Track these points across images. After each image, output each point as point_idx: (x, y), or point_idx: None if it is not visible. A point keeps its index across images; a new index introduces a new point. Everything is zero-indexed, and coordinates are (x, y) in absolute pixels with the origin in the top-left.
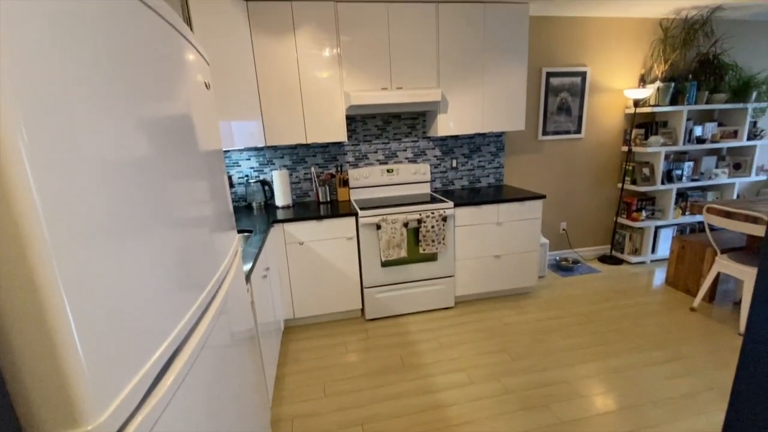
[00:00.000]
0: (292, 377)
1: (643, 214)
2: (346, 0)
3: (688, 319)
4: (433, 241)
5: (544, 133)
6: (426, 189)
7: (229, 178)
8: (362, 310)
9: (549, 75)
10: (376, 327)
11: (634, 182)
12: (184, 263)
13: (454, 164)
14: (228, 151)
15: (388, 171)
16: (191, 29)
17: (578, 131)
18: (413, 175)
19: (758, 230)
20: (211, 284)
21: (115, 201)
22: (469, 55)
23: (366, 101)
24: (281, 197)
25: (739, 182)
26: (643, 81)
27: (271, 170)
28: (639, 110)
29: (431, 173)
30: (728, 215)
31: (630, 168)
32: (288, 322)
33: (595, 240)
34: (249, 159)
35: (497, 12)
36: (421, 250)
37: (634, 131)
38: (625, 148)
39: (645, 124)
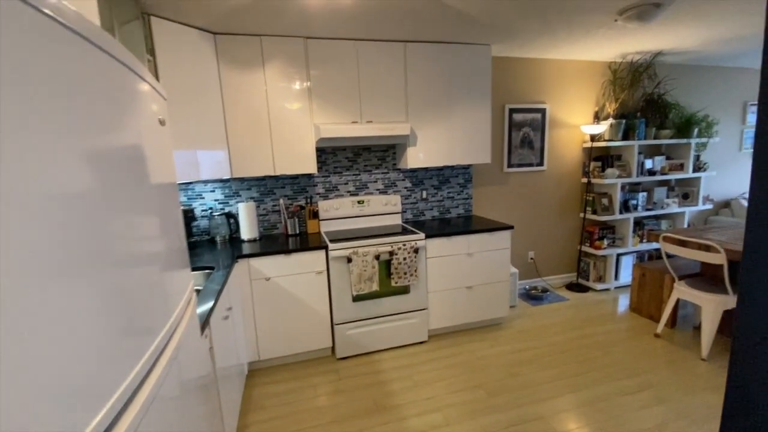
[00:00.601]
0: (256, 427)
1: (605, 242)
2: (316, 36)
3: (653, 346)
4: (405, 273)
5: (509, 165)
6: (397, 220)
7: (191, 211)
8: (333, 348)
9: (512, 111)
10: (347, 366)
11: (594, 212)
12: (131, 308)
13: (424, 195)
14: (190, 183)
15: (358, 202)
16: (155, 59)
17: (541, 164)
18: (384, 207)
19: (710, 257)
20: (163, 332)
21: (38, 237)
22: (436, 92)
23: (336, 134)
24: (247, 230)
25: (689, 211)
26: (597, 117)
27: (237, 202)
28: (595, 144)
29: (402, 204)
30: (682, 243)
31: (590, 198)
32: (252, 364)
33: (561, 268)
34: (213, 191)
35: (462, 52)
36: (393, 283)
37: (592, 164)
38: (584, 180)
39: (601, 157)
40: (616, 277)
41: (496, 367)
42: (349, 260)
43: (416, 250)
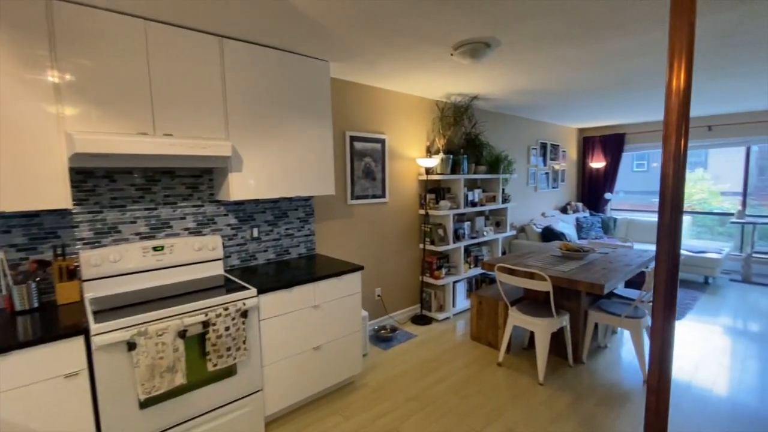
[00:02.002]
0: None
1: (443, 271)
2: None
3: (498, 377)
4: (228, 349)
5: (353, 197)
6: (218, 269)
7: None
8: None
9: (353, 139)
10: None
11: (432, 242)
12: None
13: (256, 234)
14: None
15: (155, 249)
16: None
17: (383, 195)
18: (197, 253)
19: (539, 285)
20: None
21: None
22: (267, 107)
23: (105, 149)
24: None
25: (501, 237)
26: (429, 152)
27: None
28: (430, 177)
29: (225, 247)
30: (512, 272)
31: (428, 229)
32: None
33: (406, 301)
34: None
35: (298, 65)
36: (210, 367)
37: (428, 196)
38: (422, 211)
39: (435, 189)
40: (454, 304)
41: None
42: (132, 347)
43: (245, 314)
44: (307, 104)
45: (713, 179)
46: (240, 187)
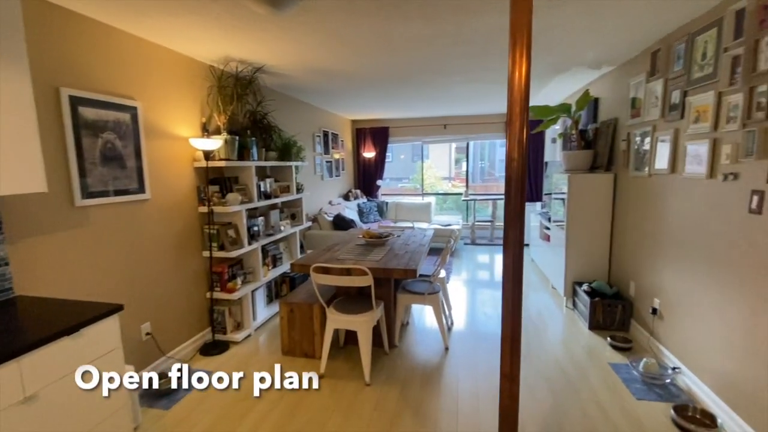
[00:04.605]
0: None
1: (239, 281)
2: None
3: (325, 394)
4: None
5: (88, 195)
6: None
7: None
8: None
9: (77, 102)
10: None
11: (222, 247)
12: None
13: None
14: None
15: None
16: None
17: (141, 190)
18: None
19: (360, 281)
20: None
21: None
22: None
23: None
24: None
25: (298, 230)
26: (206, 130)
27: None
28: (211, 164)
29: None
30: (327, 271)
31: (214, 231)
32: None
33: (191, 329)
34: None
35: None
36: None
37: (210, 188)
38: (204, 209)
39: (218, 179)
40: (254, 317)
41: None
42: None
43: None
44: None
45: (435, 168)
46: None
